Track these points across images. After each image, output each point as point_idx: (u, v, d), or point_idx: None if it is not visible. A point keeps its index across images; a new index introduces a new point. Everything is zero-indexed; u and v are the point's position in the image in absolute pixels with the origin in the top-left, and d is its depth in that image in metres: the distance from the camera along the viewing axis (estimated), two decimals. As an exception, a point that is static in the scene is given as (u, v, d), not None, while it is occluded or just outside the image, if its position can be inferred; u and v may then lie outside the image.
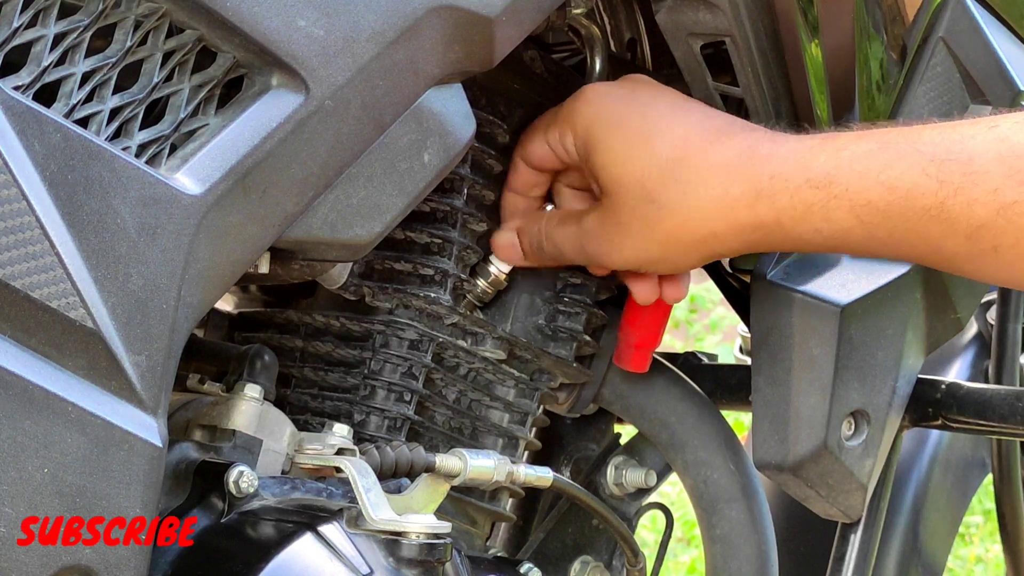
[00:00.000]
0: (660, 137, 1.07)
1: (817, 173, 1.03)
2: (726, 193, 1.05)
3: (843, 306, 1.21)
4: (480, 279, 1.14)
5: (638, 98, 1.09)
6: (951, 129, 1.02)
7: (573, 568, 1.35)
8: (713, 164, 1.05)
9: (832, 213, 1.02)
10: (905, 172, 1.00)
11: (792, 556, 1.52)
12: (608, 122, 1.08)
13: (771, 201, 1.04)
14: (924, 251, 1.03)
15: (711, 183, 1.05)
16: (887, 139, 1.03)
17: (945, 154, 1.00)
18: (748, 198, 1.04)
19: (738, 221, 1.05)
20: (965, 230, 0.99)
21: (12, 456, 0.79)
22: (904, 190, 1.00)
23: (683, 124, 1.07)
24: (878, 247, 1.04)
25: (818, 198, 1.02)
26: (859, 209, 1.02)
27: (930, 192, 1.00)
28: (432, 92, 0.97)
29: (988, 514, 3.92)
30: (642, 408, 1.29)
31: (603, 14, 1.26)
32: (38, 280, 0.80)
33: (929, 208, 1.00)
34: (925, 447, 1.64)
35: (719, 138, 1.06)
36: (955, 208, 0.99)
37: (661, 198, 1.06)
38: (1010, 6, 1.29)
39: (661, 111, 1.08)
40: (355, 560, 0.93)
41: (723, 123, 1.08)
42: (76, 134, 0.82)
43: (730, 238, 1.06)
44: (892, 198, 1.01)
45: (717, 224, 1.05)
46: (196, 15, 0.86)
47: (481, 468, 1.04)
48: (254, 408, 1.01)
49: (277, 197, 0.91)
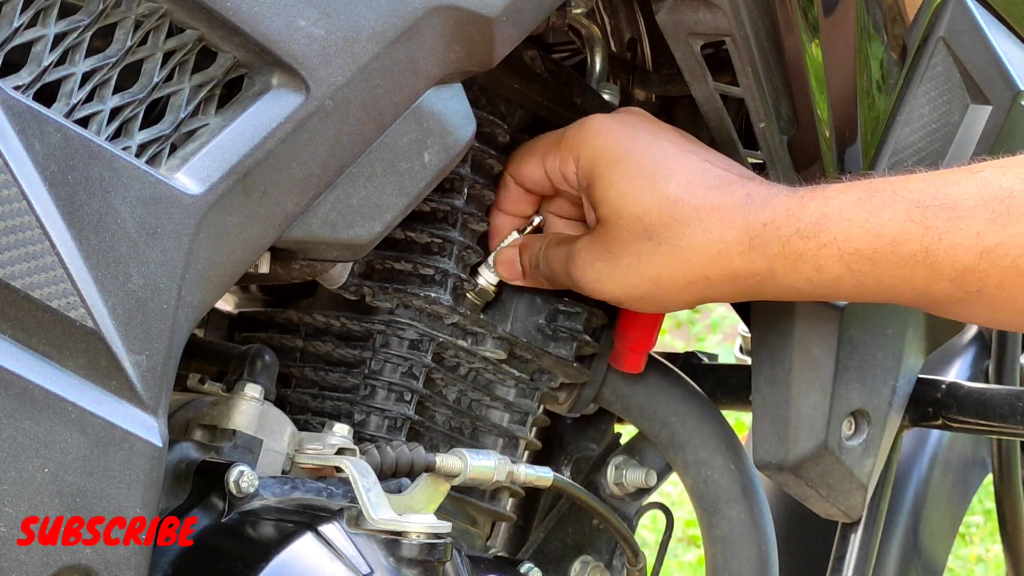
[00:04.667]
0: (665, 176, 1.08)
1: (806, 223, 1.04)
2: (722, 238, 1.06)
3: (843, 306, 1.21)
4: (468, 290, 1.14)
5: (643, 136, 1.10)
6: (935, 176, 1.03)
7: (573, 568, 1.35)
8: (713, 208, 1.06)
9: (822, 262, 1.03)
10: (891, 219, 1.02)
11: (792, 556, 1.52)
12: (615, 156, 1.09)
13: (763, 249, 1.05)
14: (912, 296, 1.04)
15: (709, 226, 1.06)
16: (874, 188, 1.04)
17: (930, 200, 1.01)
18: (742, 245, 1.05)
19: (732, 267, 1.06)
20: (950, 274, 1.01)
21: (12, 456, 0.79)
22: (890, 236, 1.02)
23: (688, 166, 1.08)
24: (868, 294, 1.06)
25: (808, 247, 1.04)
26: (848, 257, 1.03)
27: (915, 238, 1.01)
28: (432, 92, 0.97)
29: (988, 514, 3.92)
30: (642, 408, 1.29)
31: (603, 14, 1.26)
32: (38, 280, 0.79)
33: (915, 253, 1.01)
34: (925, 447, 1.64)
35: (720, 184, 1.07)
36: (940, 253, 1.00)
37: (659, 235, 1.07)
38: (1010, 6, 1.29)
39: (667, 151, 1.09)
40: (355, 560, 0.93)
41: (724, 169, 1.09)
42: (76, 134, 0.82)
43: (722, 284, 1.07)
44: (879, 245, 1.02)
45: (711, 268, 1.06)
46: (196, 15, 0.86)
47: (481, 468, 1.04)
48: (254, 408, 1.01)
49: (277, 197, 0.91)
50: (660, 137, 1.11)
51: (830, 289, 1.05)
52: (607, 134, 1.10)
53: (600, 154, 1.10)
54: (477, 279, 1.14)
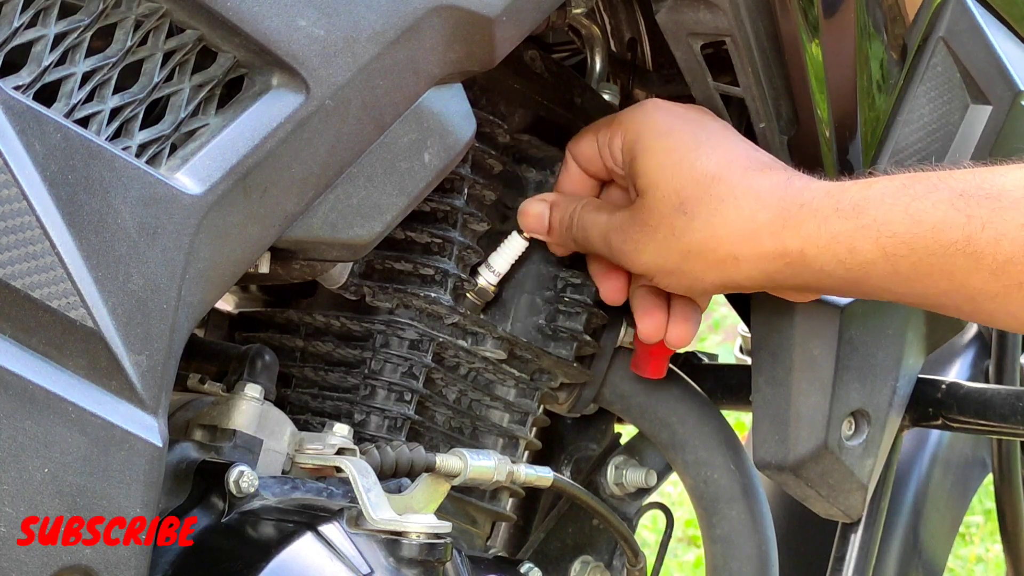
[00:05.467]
0: (705, 154, 1.07)
1: (846, 204, 1.03)
2: (754, 218, 1.05)
3: (843, 306, 1.21)
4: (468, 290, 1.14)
5: (693, 117, 1.11)
6: (983, 168, 1.02)
7: (573, 568, 1.35)
8: (749, 188, 1.06)
9: (857, 243, 1.02)
10: (934, 205, 1.00)
11: (792, 556, 1.52)
12: (658, 131, 1.09)
13: (797, 229, 1.04)
14: (947, 287, 1.02)
15: (742, 206, 1.05)
16: (918, 176, 1.03)
17: (975, 189, 0.99)
18: (775, 225, 1.04)
19: (762, 247, 1.05)
20: (991, 265, 0.99)
21: (12, 456, 0.79)
22: (931, 223, 1.00)
23: (729, 148, 1.08)
24: (900, 283, 1.03)
25: (845, 228, 1.02)
26: (884, 240, 1.01)
27: (957, 226, 0.99)
28: (432, 92, 0.97)
29: (988, 514, 3.92)
30: (642, 408, 1.29)
31: (603, 14, 1.26)
32: (38, 280, 0.79)
33: (956, 242, 0.99)
34: (925, 447, 1.64)
35: (760, 168, 1.07)
36: (981, 242, 0.99)
37: (692, 210, 1.06)
38: (1010, 6, 1.29)
39: (711, 132, 1.10)
40: (355, 560, 0.93)
41: (767, 157, 1.09)
42: (76, 134, 0.82)
43: (750, 265, 1.06)
44: (918, 230, 1.00)
45: (740, 248, 1.05)
46: (196, 15, 0.86)
47: (481, 468, 1.04)
48: (254, 408, 1.01)
49: (277, 197, 0.91)
50: (710, 123, 1.11)
51: (861, 274, 1.03)
52: (657, 112, 1.11)
53: (646, 128, 1.10)
54: (477, 279, 1.14)
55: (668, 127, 1.09)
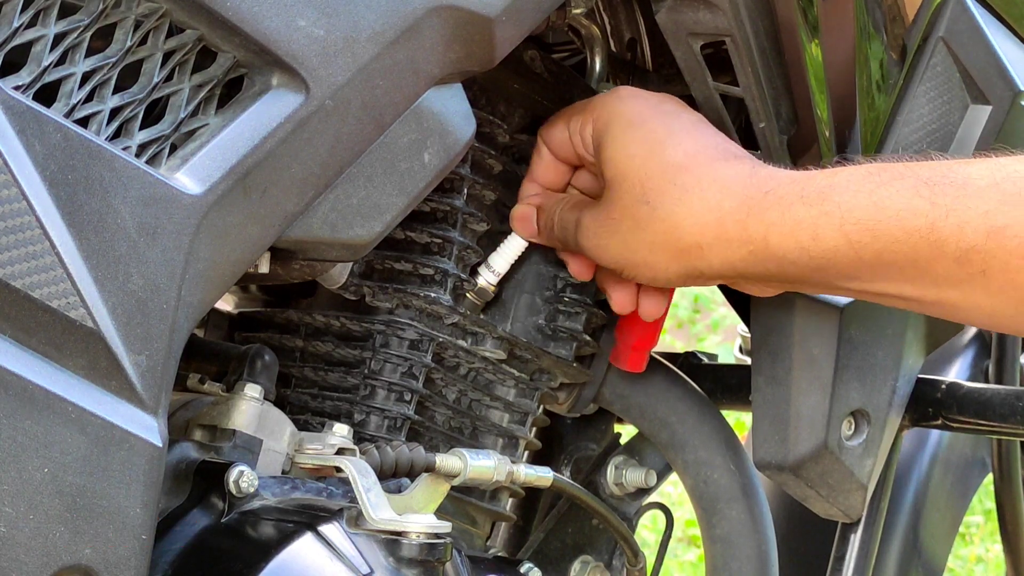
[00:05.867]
0: (672, 144, 1.07)
1: (811, 191, 1.03)
2: (719, 206, 1.05)
3: (843, 306, 1.21)
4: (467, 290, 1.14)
5: (665, 108, 1.10)
6: (951, 159, 1.02)
7: (573, 568, 1.35)
8: (715, 179, 1.06)
9: (821, 230, 1.02)
10: (898, 192, 1.00)
11: (792, 556, 1.52)
12: (628, 120, 1.09)
13: (761, 216, 1.04)
14: (912, 274, 1.02)
15: (707, 195, 1.05)
16: (885, 165, 1.03)
17: (940, 178, 1.00)
18: (739, 213, 1.04)
19: (726, 234, 1.05)
20: (954, 253, 0.99)
21: (12, 456, 0.79)
22: (895, 210, 1.00)
23: (698, 139, 1.08)
24: (864, 271, 1.03)
25: (809, 214, 1.02)
26: (848, 227, 1.01)
27: (921, 213, 0.99)
28: (432, 92, 0.97)
29: (988, 514, 3.92)
30: (642, 408, 1.29)
31: (603, 14, 1.26)
32: (38, 280, 0.80)
33: (919, 228, 0.99)
34: (925, 447, 1.64)
35: (726, 158, 1.07)
36: (945, 230, 0.99)
37: (656, 200, 1.06)
38: (1010, 6, 1.29)
39: (682, 123, 1.09)
40: (355, 560, 0.93)
41: (736, 148, 1.09)
42: (76, 134, 0.82)
43: (714, 253, 1.05)
44: (882, 217, 1.00)
45: (704, 236, 1.05)
46: (196, 15, 0.86)
47: (481, 468, 1.04)
48: (254, 408, 1.01)
49: (277, 197, 0.91)
50: (681, 114, 1.10)
51: (824, 262, 1.03)
52: (628, 100, 1.10)
53: (616, 117, 1.09)
54: (477, 279, 1.14)
55: (639, 117, 1.09)
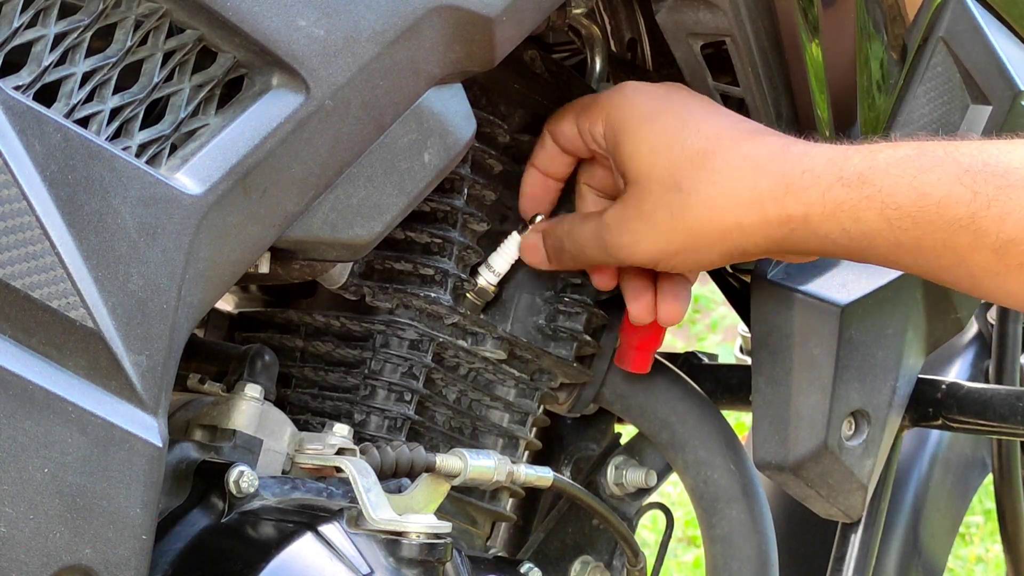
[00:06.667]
0: (693, 131, 1.07)
1: (850, 172, 1.02)
2: (756, 185, 1.04)
3: (843, 306, 1.21)
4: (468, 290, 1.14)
5: (673, 97, 1.10)
6: (990, 143, 1.01)
7: (573, 568, 1.35)
8: (745, 157, 1.05)
9: (862, 213, 1.01)
10: (940, 179, 0.99)
11: (792, 556, 1.52)
12: (642, 114, 1.09)
13: (800, 196, 1.03)
14: (949, 262, 1.01)
15: (741, 175, 1.04)
16: (924, 146, 1.02)
17: (982, 166, 0.99)
18: (777, 192, 1.03)
19: (765, 214, 1.04)
20: (994, 244, 0.98)
21: (12, 456, 0.79)
22: (937, 197, 0.99)
23: (716, 122, 1.08)
24: (903, 255, 1.03)
25: (849, 197, 1.02)
26: (889, 212, 1.01)
27: (963, 202, 0.99)
28: (432, 92, 0.97)
29: (988, 514, 3.92)
30: (642, 408, 1.29)
31: (603, 14, 1.26)
32: (38, 280, 0.80)
33: (960, 218, 0.99)
34: (925, 447, 1.64)
35: (752, 136, 1.07)
36: (986, 220, 0.98)
37: (689, 186, 1.05)
38: (1010, 6, 1.29)
39: (695, 109, 1.09)
40: (355, 560, 0.93)
41: (756, 125, 1.09)
42: (76, 134, 0.82)
43: (756, 232, 1.05)
44: (924, 204, 1.00)
45: (744, 216, 1.04)
46: (196, 15, 0.86)
47: (481, 468, 1.04)
48: (254, 408, 1.01)
49: (277, 197, 0.91)
50: (692, 100, 1.10)
51: (865, 244, 1.03)
52: (637, 95, 1.10)
53: (629, 112, 1.09)
54: (477, 279, 1.14)
55: (651, 110, 1.09)
